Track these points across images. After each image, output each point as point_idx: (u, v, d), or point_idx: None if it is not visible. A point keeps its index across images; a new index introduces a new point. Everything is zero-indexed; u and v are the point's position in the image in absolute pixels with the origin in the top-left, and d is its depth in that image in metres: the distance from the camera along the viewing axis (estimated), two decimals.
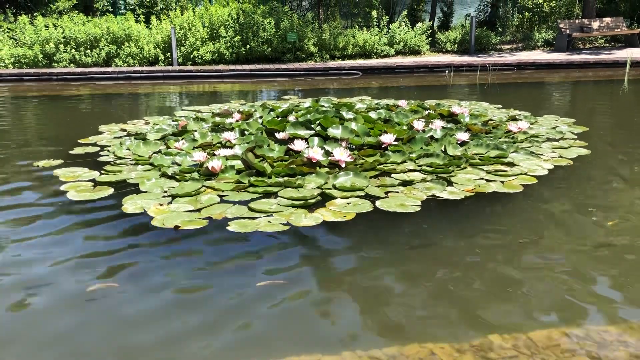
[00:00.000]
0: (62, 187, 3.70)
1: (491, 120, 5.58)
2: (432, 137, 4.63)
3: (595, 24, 14.32)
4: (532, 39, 14.90)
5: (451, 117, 5.35)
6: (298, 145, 4.20)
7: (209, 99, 8.06)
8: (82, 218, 3.23)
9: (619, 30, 14.45)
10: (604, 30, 14.38)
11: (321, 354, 1.98)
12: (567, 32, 14.08)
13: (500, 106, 6.68)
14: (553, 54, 13.49)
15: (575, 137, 5.00)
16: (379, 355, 1.98)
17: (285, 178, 3.74)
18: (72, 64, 12.28)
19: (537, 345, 2.02)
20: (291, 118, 4.95)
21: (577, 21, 14.44)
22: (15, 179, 4.07)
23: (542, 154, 4.37)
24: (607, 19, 14.53)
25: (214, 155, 4.14)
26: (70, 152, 4.69)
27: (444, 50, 14.64)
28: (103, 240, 2.92)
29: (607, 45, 15.17)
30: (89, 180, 3.85)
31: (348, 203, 3.35)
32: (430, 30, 15.20)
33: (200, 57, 12.56)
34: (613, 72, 10.98)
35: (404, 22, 14.54)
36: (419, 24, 14.75)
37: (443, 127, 4.86)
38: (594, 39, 15.14)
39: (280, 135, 4.50)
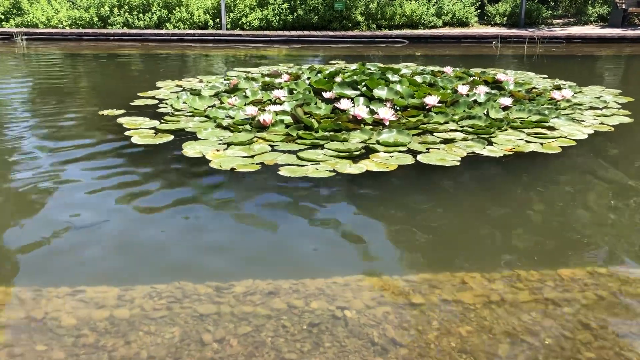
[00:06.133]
0: (127, 133, 4.02)
1: (535, 88, 5.64)
2: (475, 101, 4.75)
3: None
4: (585, 14, 14.52)
5: (495, 84, 5.44)
6: (344, 104, 4.39)
7: (258, 62, 8.30)
8: (148, 159, 3.54)
9: None
10: None
11: (363, 275, 2.22)
12: (623, 6, 13.65)
13: (546, 76, 6.69)
14: (605, 29, 13.14)
15: (619, 106, 5.03)
16: (414, 279, 2.21)
17: (332, 133, 3.96)
18: (125, 27, 12.69)
19: (563, 279, 2.21)
20: (338, 79, 5.13)
21: None
22: (84, 126, 4.43)
23: (583, 121, 4.45)
24: None
25: (265, 110, 4.38)
26: (131, 103, 5.03)
27: (492, 22, 14.43)
28: (168, 178, 3.23)
29: None
30: (151, 128, 4.16)
31: (391, 156, 3.55)
32: (480, 2, 14.97)
33: (248, 23, 12.78)
34: None
35: None
36: None
37: (487, 93, 4.97)
38: None
39: (327, 95, 4.69)
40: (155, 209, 2.81)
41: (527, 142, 3.85)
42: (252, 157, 3.50)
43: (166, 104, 5.00)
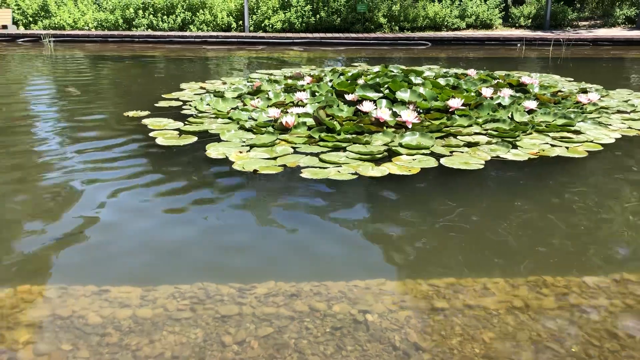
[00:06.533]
0: (151, 134, 4.07)
1: (561, 91, 5.56)
2: (499, 104, 4.70)
3: None
4: (612, 16, 14.29)
5: (520, 87, 5.38)
6: (366, 106, 4.38)
7: (281, 64, 8.33)
8: (172, 160, 3.58)
9: None
10: None
11: (385, 279, 2.21)
12: None
13: (572, 79, 6.60)
14: (633, 31, 12.91)
15: None
16: (437, 283, 2.19)
17: (354, 135, 3.95)
18: (149, 29, 12.86)
19: (588, 286, 2.17)
20: (360, 81, 5.12)
21: None
22: (110, 126, 4.49)
23: (610, 125, 4.37)
24: None
25: (287, 112, 4.40)
26: (156, 105, 5.09)
27: (517, 25, 14.29)
28: (191, 178, 3.26)
29: None
30: (175, 129, 4.20)
31: (413, 159, 3.53)
32: (504, 4, 14.84)
33: (271, 25, 12.85)
34: None
35: None
36: None
37: (511, 96, 4.92)
38: None
39: (349, 97, 4.69)
40: (178, 209, 2.84)
41: (553, 146, 3.80)
42: (274, 159, 3.51)
43: (190, 105, 5.05)
